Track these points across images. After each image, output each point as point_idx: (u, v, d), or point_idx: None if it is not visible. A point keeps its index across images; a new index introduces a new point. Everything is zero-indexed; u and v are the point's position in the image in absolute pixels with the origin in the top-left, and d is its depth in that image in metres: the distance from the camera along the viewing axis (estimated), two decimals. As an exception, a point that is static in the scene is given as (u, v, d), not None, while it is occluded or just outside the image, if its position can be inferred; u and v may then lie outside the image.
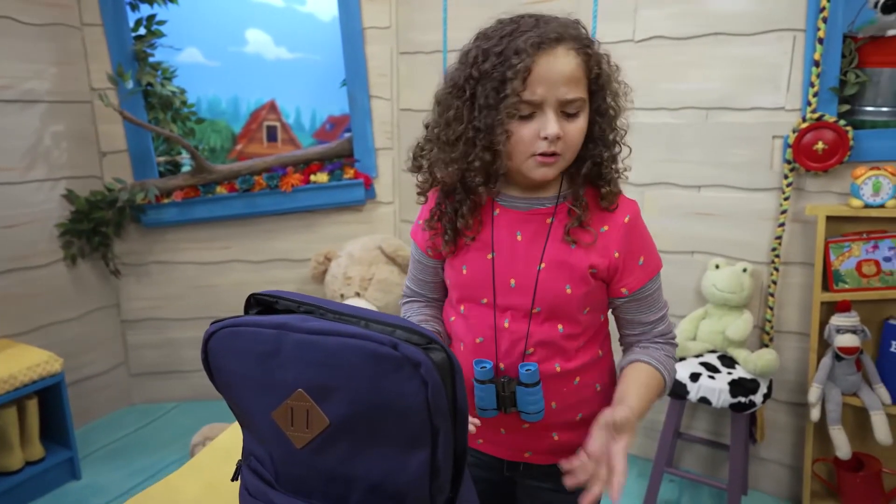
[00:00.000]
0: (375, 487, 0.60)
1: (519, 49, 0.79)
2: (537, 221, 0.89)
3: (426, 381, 0.57)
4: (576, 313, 0.88)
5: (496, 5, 2.08)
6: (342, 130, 2.78)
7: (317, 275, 2.34)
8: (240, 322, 0.62)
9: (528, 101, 0.80)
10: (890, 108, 1.62)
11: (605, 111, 0.85)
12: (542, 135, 0.81)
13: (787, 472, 1.91)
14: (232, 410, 0.69)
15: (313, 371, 0.59)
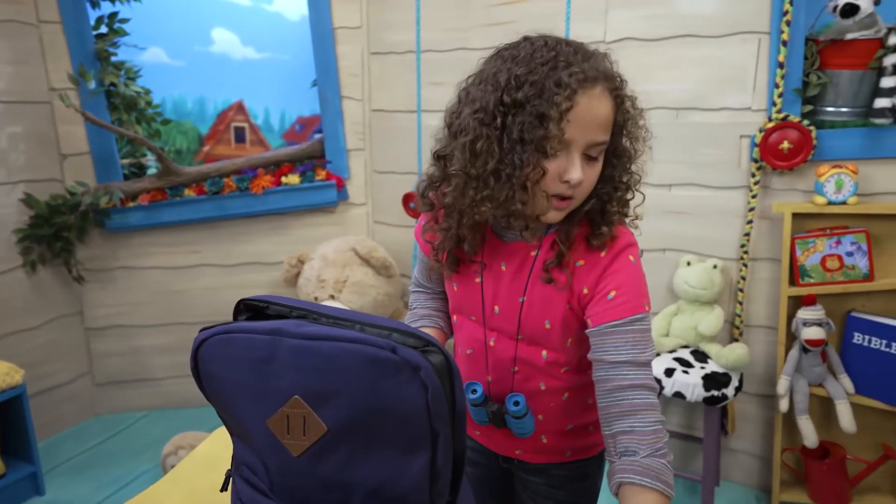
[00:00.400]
0: (375, 493, 0.59)
1: (562, 83, 0.73)
2: (522, 254, 0.85)
3: (426, 385, 0.56)
4: (558, 344, 0.86)
5: (469, 6, 2.10)
6: (312, 131, 2.74)
7: (289, 278, 2.30)
8: (232, 329, 0.61)
9: (562, 140, 0.74)
10: (849, 109, 1.68)
11: (621, 153, 0.81)
12: (566, 178, 0.76)
13: (757, 463, 1.96)
14: (222, 419, 0.67)
15: (310, 377, 0.58)
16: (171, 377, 2.47)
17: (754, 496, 1.95)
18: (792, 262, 1.70)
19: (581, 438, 0.94)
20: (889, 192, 1.64)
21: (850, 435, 1.72)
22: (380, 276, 2.21)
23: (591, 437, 0.95)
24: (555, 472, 0.96)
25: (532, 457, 0.95)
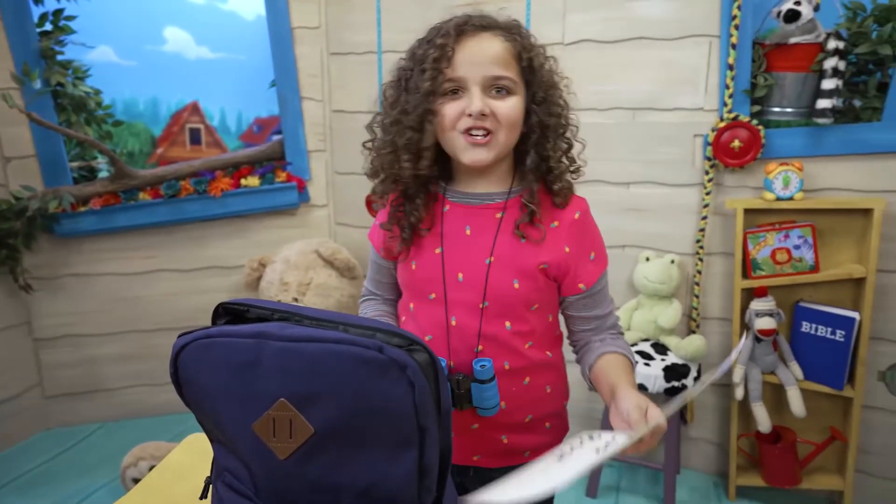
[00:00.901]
0: (363, 494, 0.59)
1: (443, 31, 0.84)
2: (487, 216, 0.89)
3: (413, 383, 0.57)
4: (523, 310, 0.89)
5: (430, 6, 2.11)
6: (270, 132, 2.70)
7: (251, 281, 2.26)
8: (213, 333, 0.60)
9: (452, 78, 0.83)
10: (794, 109, 1.77)
11: (541, 100, 0.87)
12: (467, 111, 0.83)
13: (714, 449, 2.04)
14: (202, 425, 0.66)
15: (296, 379, 0.57)
16: (128, 387, 2.39)
17: (712, 482, 2.03)
18: (744, 256, 1.78)
19: (538, 435, 0.96)
20: (831, 188, 1.74)
21: (800, 419, 1.81)
22: (343, 278, 2.20)
23: (547, 434, 0.97)
24: None
25: (491, 461, 0.94)
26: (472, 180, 0.91)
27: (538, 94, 0.87)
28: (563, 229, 0.89)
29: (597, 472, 1.96)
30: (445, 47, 0.83)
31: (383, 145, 0.89)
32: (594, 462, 0.69)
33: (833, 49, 1.62)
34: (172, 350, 0.61)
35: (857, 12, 1.65)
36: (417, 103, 0.84)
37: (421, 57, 0.86)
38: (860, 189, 1.71)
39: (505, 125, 0.84)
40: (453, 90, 0.84)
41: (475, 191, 0.91)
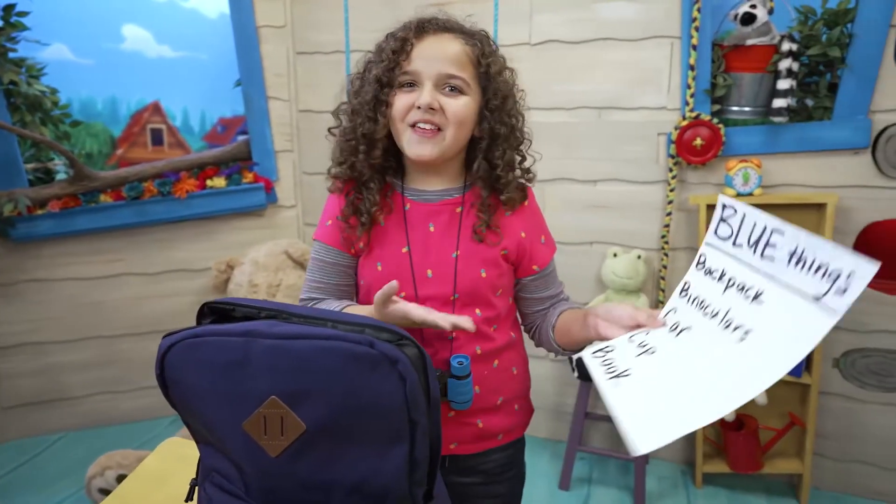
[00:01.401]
0: (355, 489, 0.60)
1: (406, 27, 0.87)
2: (448, 212, 0.92)
3: (404, 377, 0.58)
4: (490, 297, 0.92)
5: (397, 7, 2.10)
6: (235, 133, 2.66)
7: (218, 284, 2.23)
8: (201, 332, 0.60)
9: (407, 70, 0.85)
10: (751, 108, 1.83)
11: (494, 108, 0.89)
12: (416, 104, 0.84)
13: (681, 439, 2.09)
14: (188, 426, 0.66)
15: (287, 377, 0.58)
16: (91, 395, 2.32)
17: (680, 470, 2.09)
18: (707, 250, 1.84)
19: (509, 417, 0.98)
20: (787, 184, 1.81)
21: (761, 406, 1.88)
22: (314, 279, 2.18)
23: (517, 416, 0.99)
24: (490, 461, 0.97)
25: (468, 447, 0.95)
26: (426, 177, 0.93)
27: (492, 102, 0.89)
28: (517, 217, 0.94)
29: (569, 466, 2.00)
30: (405, 41, 0.86)
31: (345, 132, 0.92)
32: None
33: (787, 51, 1.69)
34: (158, 351, 0.61)
35: (808, 16, 1.72)
36: (373, 93, 0.87)
37: (382, 49, 0.89)
38: (813, 185, 1.79)
39: (453, 122, 0.86)
40: (409, 83, 0.86)
41: (432, 188, 0.93)
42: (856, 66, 1.69)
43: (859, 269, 0.56)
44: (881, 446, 1.90)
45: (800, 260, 0.61)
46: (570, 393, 2.16)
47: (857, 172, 1.75)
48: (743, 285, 0.67)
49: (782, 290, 0.63)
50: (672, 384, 0.63)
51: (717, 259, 0.71)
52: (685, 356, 0.66)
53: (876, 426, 1.89)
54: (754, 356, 0.61)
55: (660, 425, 0.58)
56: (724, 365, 0.62)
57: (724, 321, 0.67)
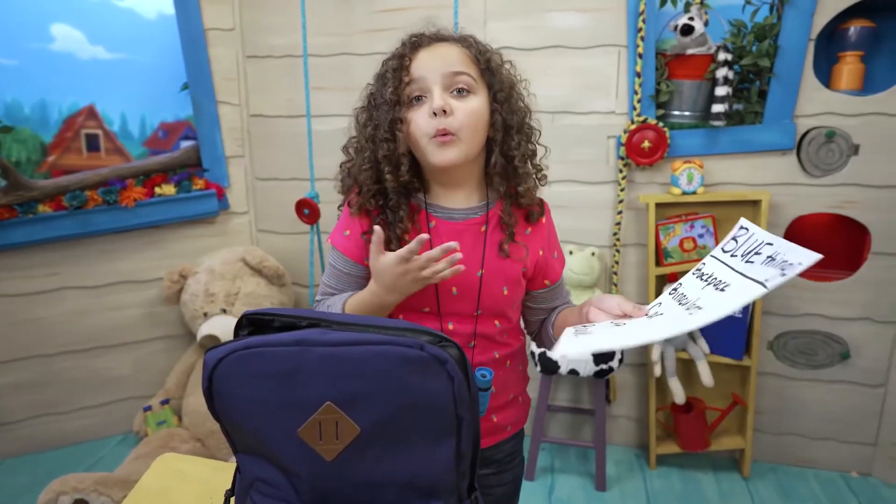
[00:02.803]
0: (407, 485, 0.62)
1: (401, 45, 0.90)
2: (473, 231, 0.94)
3: (452, 377, 0.61)
4: (508, 310, 0.97)
5: (351, 12, 2.12)
6: (178, 138, 2.57)
7: (170, 295, 2.15)
8: (252, 344, 0.60)
9: (412, 80, 0.87)
10: (690, 113, 1.97)
11: (503, 99, 0.91)
12: (431, 111, 0.86)
13: (635, 424, 2.23)
14: (229, 437, 0.66)
15: (341, 383, 0.60)
16: (31, 418, 2.19)
17: (634, 454, 2.22)
18: (657, 246, 1.96)
19: (516, 409, 1.04)
20: (726, 182, 1.96)
21: (708, 389, 2.02)
22: (272, 286, 2.16)
23: (521, 407, 1.05)
24: (501, 451, 1.03)
25: (484, 441, 0.99)
26: (448, 192, 0.94)
27: (500, 94, 0.91)
28: (536, 234, 0.97)
29: (534, 457, 2.08)
30: (403, 57, 0.88)
31: (363, 162, 0.92)
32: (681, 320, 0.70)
33: (723, 60, 1.84)
34: (206, 364, 0.61)
35: (741, 29, 1.88)
36: (385, 114, 0.88)
37: (382, 73, 0.91)
38: (749, 183, 1.95)
39: (467, 125, 0.87)
40: (417, 97, 0.88)
41: (455, 206, 0.94)
42: (781, 75, 1.85)
43: (805, 259, 0.64)
44: (810, 419, 2.10)
45: (772, 260, 0.68)
46: (532, 387, 2.23)
47: (784, 171, 1.93)
48: (718, 281, 0.74)
49: (743, 280, 0.70)
50: (614, 331, 0.74)
51: (713, 266, 0.78)
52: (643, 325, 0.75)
53: (805, 401, 2.08)
54: (687, 318, 0.70)
55: (582, 343, 0.70)
56: (659, 322, 0.73)
57: (688, 304, 0.74)
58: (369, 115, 0.92)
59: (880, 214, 1.90)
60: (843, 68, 1.89)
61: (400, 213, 0.92)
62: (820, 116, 1.88)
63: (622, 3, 1.91)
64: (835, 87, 1.89)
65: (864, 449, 2.09)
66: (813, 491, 2.03)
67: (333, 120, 2.20)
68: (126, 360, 2.27)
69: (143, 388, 2.30)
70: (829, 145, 1.88)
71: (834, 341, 2.02)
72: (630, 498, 1.99)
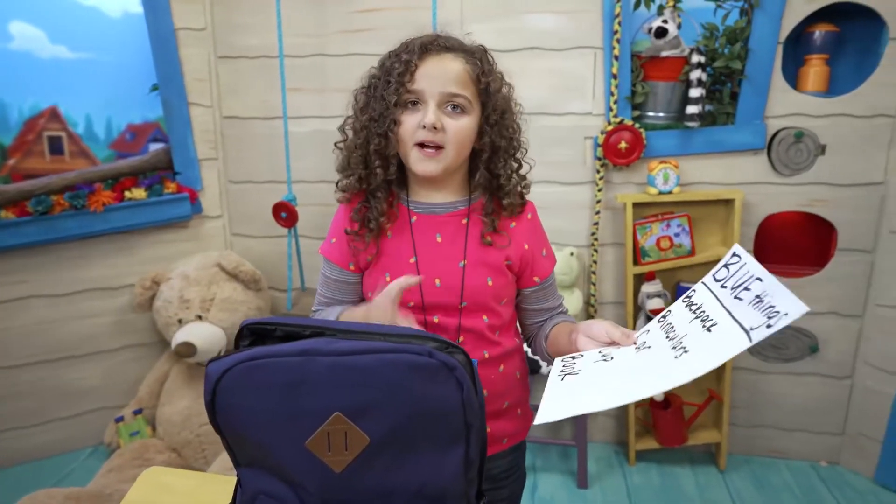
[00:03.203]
0: (416, 494, 0.62)
1: (410, 48, 0.90)
2: (454, 223, 0.96)
3: (461, 383, 0.61)
4: (495, 304, 0.97)
5: (326, 12, 2.09)
6: (147, 140, 2.50)
7: (142, 302, 2.09)
8: (257, 354, 0.59)
9: (412, 90, 0.89)
10: (665, 114, 2.01)
11: (494, 122, 0.94)
12: (421, 123, 0.89)
13: (614, 422, 2.26)
14: (233, 451, 0.64)
15: (349, 392, 0.59)
16: (-7, 432, 2.10)
17: (613, 451, 2.25)
18: (634, 245, 1.99)
19: (513, 421, 1.03)
20: (701, 182, 2.01)
21: (684, 385, 2.06)
22: (249, 291, 2.12)
23: (519, 420, 1.05)
24: (495, 467, 1.02)
25: None
26: (430, 191, 0.97)
27: (492, 117, 0.94)
28: (521, 229, 0.99)
29: (516, 456, 2.09)
30: (409, 63, 0.89)
31: (355, 146, 0.94)
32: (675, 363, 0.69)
33: (697, 62, 1.87)
34: (209, 376, 0.59)
35: (713, 32, 1.92)
36: (383, 113, 0.90)
37: (388, 69, 0.92)
38: (722, 182, 2.00)
39: (454, 142, 0.91)
40: (412, 101, 0.90)
41: (436, 201, 0.97)
42: (752, 77, 1.90)
43: (791, 310, 0.62)
44: (780, 411, 2.16)
45: (760, 301, 0.68)
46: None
47: (756, 171, 1.98)
48: (707, 316, 0.74)
49: (731, 323, 0.70)
50: (600, 380, 0.72)
51: (703, 296, 0.78)
52: (629, 365, 0.74)
53: (777, 394, 2.14)
54: (673, 366, 0.69)
55: (564, 404, 0.67)
56: (645, 371, 0.71)
57: (675, 343, 0.74)
58: (367, 102, 0.93)
59: (846, 212, 1.97)
60: (809, 71, 1.95)
61: (379, 196, 0.95)
62: (789, 117, 1.93)
63: (598, 5, 1.93)
64: (801, 89, 1.95)
65: (832, 439, 2.16)
66: (785, 481, 2.09)
67: (309, 121, 2.17)
68: (96, 370, 2.20)
69: (114, 398, 2.23)
70: (798, 145, 1.93)
71: (804, 335, 2.08)
72: (611, 494, 2.02)
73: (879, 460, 2.05)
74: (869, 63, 1.92)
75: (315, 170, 2.19)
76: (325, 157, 2.20)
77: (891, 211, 1.94)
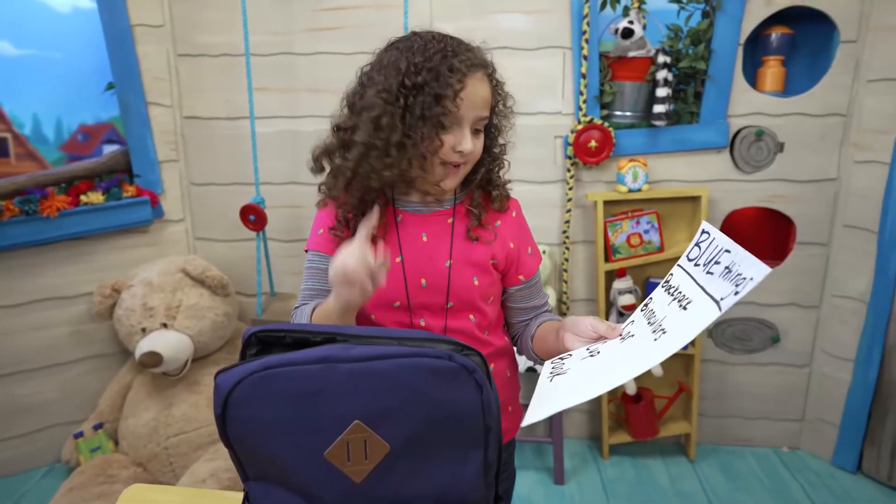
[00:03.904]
0: (437, 500, 0.61)
1: (454, 68, 0.86)
2: (439, 222, 0.96)
3: (480, 385, 0.60)
4: (481, 304, 0.97)
5: (292, 10, 2.04)
6: (100, 141, 2.40)
7: (102, 311, 2.00)
8: (273, 363, 0.56)
9: (451, 112, 0.86)
10: (631, 113, 2.05)
11: (496, 129, 0.97)
12: (458, 148, 0.88)
13: (587, 417, 2.29)
14: (243, 465, 0.61)
15: (369, 399, 0.57)
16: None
17: (587, 446, 2.28)
18: (605, 243, 2.02)
19: (505, 419, 1.03)
20: (668, 180, 2.05)
21: (656, 378, 2.11)
22: (216, 297, 2.04)
23: (510, 418, 1.05)
24: None
25: None
26: (420, 193, 0.96)
27: (494, 122, 0.95)
28: (506, 227, 1.00)
29: (493, 455, 2.09)
30: (461, 88, 0.85)
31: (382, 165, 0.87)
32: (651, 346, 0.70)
33: (663, 63, 1.92)
34: (220, 388, 0.56)
35: (678, 33, 1.97)
36: (426, 134, 0.86)
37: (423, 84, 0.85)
38: (688, 180, 2.05)
39: (474, 160, 0.93)
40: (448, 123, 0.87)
41: (423, 200, 0.97)
42: (715, 78, 1.96)
43: (755, 274, 0.64)
44: (745, 400, 2.23)
45: (729, 272, 0.69)
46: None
47: (720, 168, 2.04)
48: (682, 296, 0.75)
49: (703, 297, 0.71)
50: (585, 375, 0.72)
51: (679, 278, 0.79)
52: (613, 356, 0.75)
53: (742, 384, 2.21)
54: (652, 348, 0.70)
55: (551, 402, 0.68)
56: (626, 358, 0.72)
57: (655, 326, 0.75)
58: (394, 117, 0.85)
59: (803, 207, 2.05)
60: (766, 71, 2.02)
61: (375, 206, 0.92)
62: (749, 116, 2.00)
63: (566, 5, 1.95)
64: (760, 89, 2.02)
65: (793, 425, 2.25)
66: (751, 468, 2.16)
67: (276, 122, 2.12)
68: (52, 384, 2.09)
69: (72, 412, 2.12)
70: (759, 143, 2.00)
71: (766, 326, 2.16)
72: (587, 488, 2.04)
73: (836, 444, 2.14)
74: (821, 64, 2.01)
75: (283, 171, 2.14)
76: (294, 159, 2.17)
77: (844, 206, 2.03)
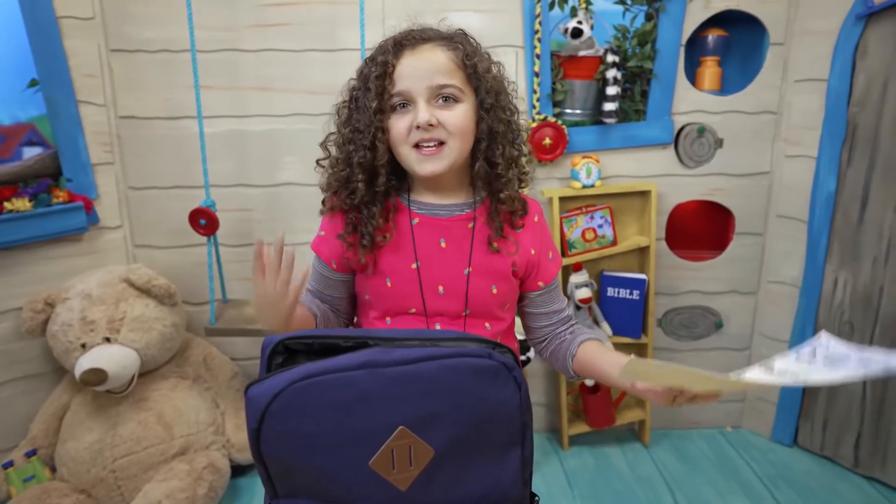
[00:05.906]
0: (480, 501, 0.59)
1: (383, 48, 0.87)
2: (459, 227, 0.92)
3: (519, 383, 0.60)
4: (498, 311, 0.95)
5: (236, 5, 1.96)
6: (19, 143, 2.21)
7: (34, 327, 1.84)
8: (312, 372, 0.53)
9: (396, 92, 0.85)
10: (582, 111, 2.10)
11: (490, 106, 0.90)
12: (414, 124, 0.84)
13: (546, 409, 2.33)
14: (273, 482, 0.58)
15: (414, 403, 0.55)
16: None
17: (546, 438, 2.32)
18: (561, 238, 2.06)
19: None
20: (619, 175, 2.12)
21: (611, 368, 2.17)
22: (163, 306, 1.93)
23: None
24: None
25: None
26: (433, 192, 0.93)
27: (486, 101, 0.90)
28: (528, 233, 0.96)
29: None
30: (386, 64, 0.85)
31: (337, 163, 0.89)
32: None
33: (612, 62, 1.98)
34: (255, 402, 0.53)
35: (624, 34, 2.04)
36: (368, 122, 0.85)
37: (365, 76, 0.87)
38: (637, 175, 2.12)
39: (456, 134, 0.86)
40: (401, 104, 0.86)
41: (439, 202, 0.92)
42: (660, 76, 2.04)
43: None
44: (693, 385, 2.33)
45: None
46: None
47: (666, 163, 2.12)
48: None
49: None
50: None
51: None
52: None
53: (689, 369, 2.32)
54: None
55: None
56: None
57: None
58: (349, 115, 0.87)
59: (741, 199, 2.17)
60: (704, 71, 2.12)
61: (373, 209, 0.89)
62: (691, 114, 2.10)
63: (518, 4, 1.97)
64: (699, 88, 2.12)
65: (735, 405, 2.38)
66: (701, 448, 2.27)
67: (221, 121, 2.02)
68: (-25, 411, 1.90)
69: (0, 440, 1.94)
70: (701, 139, 2.10)
71: (710, 314, 2.27)
72: (551, 480, 2.08)
73: (775, 421, 2.29)
74: (753, 65, 2.13)
75: (230, 173, 2.05)
76: (242, 160, 2.08)
77: (776, 198, 2.17)
